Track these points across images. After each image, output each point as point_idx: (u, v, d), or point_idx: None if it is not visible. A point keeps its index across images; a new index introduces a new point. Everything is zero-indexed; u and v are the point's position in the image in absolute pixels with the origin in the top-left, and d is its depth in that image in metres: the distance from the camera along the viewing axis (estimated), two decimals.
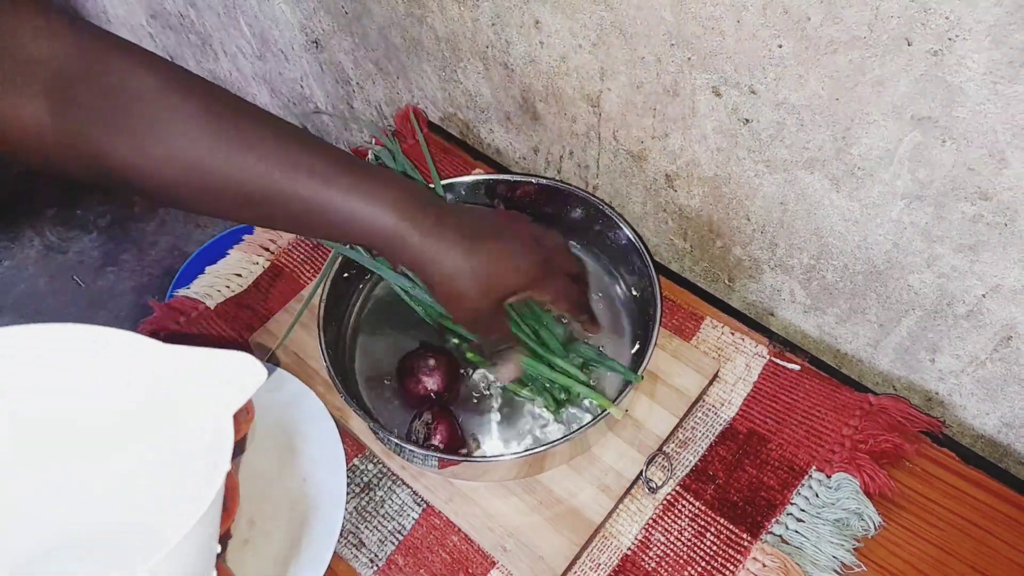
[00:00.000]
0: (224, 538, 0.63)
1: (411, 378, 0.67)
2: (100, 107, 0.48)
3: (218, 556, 0.62)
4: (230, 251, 0.86)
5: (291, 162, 0.51)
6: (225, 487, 0.61)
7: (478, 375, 0.72)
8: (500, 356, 0.66)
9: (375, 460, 0.69)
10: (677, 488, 0.66)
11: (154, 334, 0.79)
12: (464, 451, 0.66)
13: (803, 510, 0.64)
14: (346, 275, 0.74)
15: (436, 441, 0.64)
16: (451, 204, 0.59)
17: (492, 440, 0.69)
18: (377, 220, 0.52)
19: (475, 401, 0.71)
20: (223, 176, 0.50)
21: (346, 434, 0.69)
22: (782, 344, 0.74)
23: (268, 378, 0.71)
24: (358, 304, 0.77)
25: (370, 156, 0.90)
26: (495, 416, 0.70)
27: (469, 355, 0.70)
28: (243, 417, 0.65)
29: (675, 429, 0.68)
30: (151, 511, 0.54)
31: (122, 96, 0.48)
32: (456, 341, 0.72)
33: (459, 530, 0.65)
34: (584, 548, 0.63)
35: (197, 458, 0.50)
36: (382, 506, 0.67)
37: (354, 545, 0.65)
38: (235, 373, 0.49)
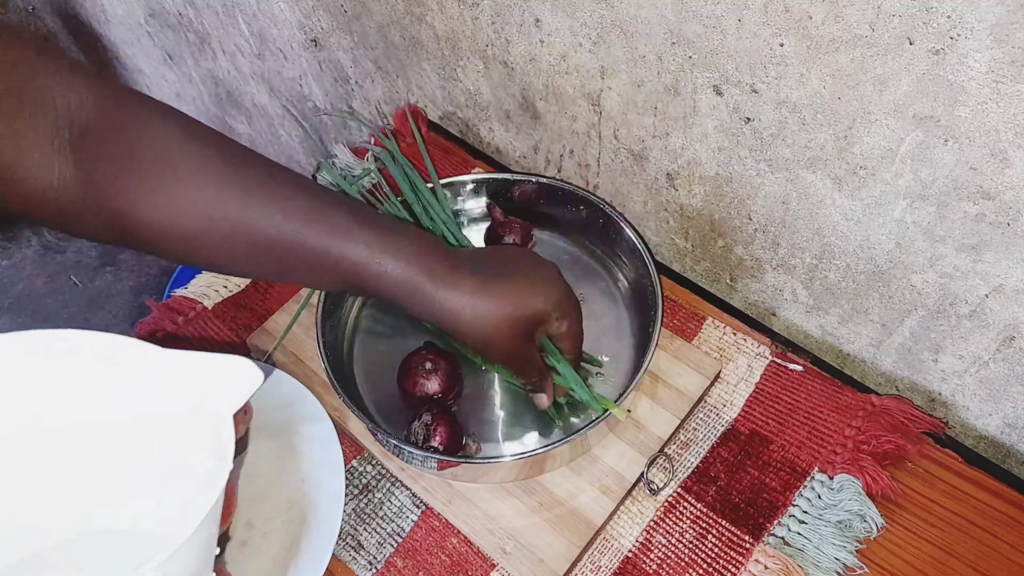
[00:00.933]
0: (223, 539, 0.62)
1: (411, 380, 0.67)
2: (123, 160, 0.48)
3: (217, 558, 0.62)
4: None
5: (307, 212, 0.51)
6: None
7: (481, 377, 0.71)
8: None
9: (374, 462, 0.69)
10: (678, 490, 0.66)
11: (152, 334, 0.78)
12: (464, 452, 0.66)
13: (805, 512, 0.64)
14: None
15: (435, 442, 0.64)
16: (464, 250, 0.59)
17: (492, 441, 0.68)
18: (391, 274, 0.52)
19: (475, 401, 0.70)
20: (240, 225, 0.50)
21: (344, 435, 0.69)
22: (784, 344, 0.74)
23: (265, 379, 0.71)
24: (357, 304, 0.77)
25: (369, 156, 0.89)
26: (495, 417, 0.69)
27: (548, 412, 0.67)
28: (241, 418, 0.65)
29: (676, 430, 0.68)
30: (151, 515, 0.54)
31: (145, 149, 0.49)
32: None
33: (459, 532, 0.64)
34: (585, 550, 0.63)
35: (196, 461, 0.50)
36: (381, 508, 0.66)
37: (353, 547, 0.65)
38: (232, 376, 0.49)
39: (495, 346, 0.56)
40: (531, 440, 0.68)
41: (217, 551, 0.51)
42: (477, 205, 0.81)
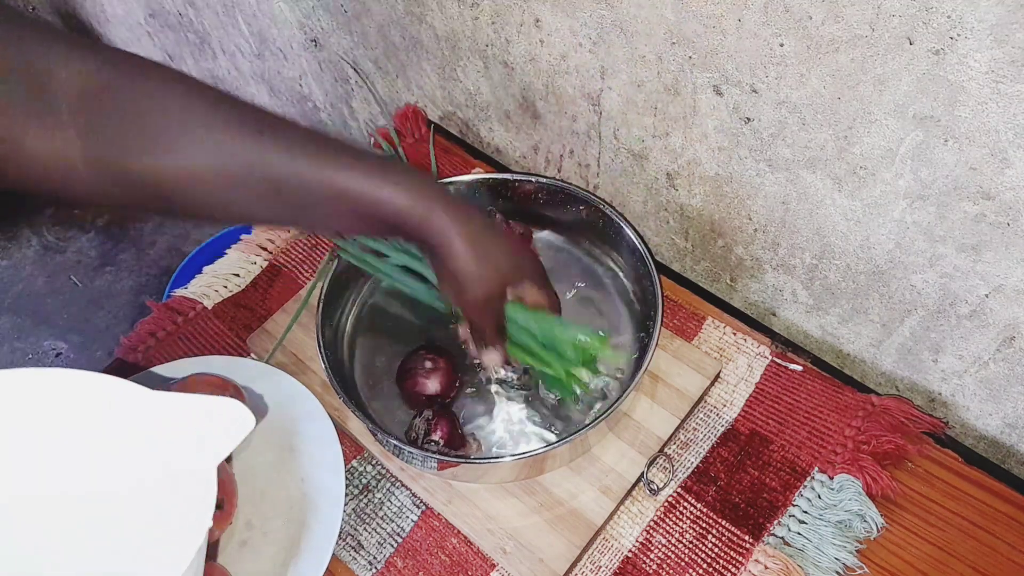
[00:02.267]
0: (212, 546, 0.62)
1: (410, 380, 0.67)
2: (126, 118, 0.49)
3: (216, 559, 0.62)
4: (228, 251, 0.85)
5: (314, 150, 0.53)
6: (223, 487, 0.61)
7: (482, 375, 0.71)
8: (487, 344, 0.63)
9: (374, 462, 0.69)
10: (678, 490, 0.66)
11: (152, 334, 0.78)
12: (464, 452, 0.66)
13: (805, 512, 0.64)
14: (345, 275, 0.74)
15: (436, 436, 0.64)
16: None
17: (492, 441, 0.68)
18: (399, 198, 0.53)
19: (476, 401, 0.70)
20: (253, 166, 0.51)
21: (344, 436, 0.69)
22: (784, 344, 0.74)
23: (264, 376, 0.71)
24: (357, 304, 0.77)
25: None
26: (496, 416, 0.69)
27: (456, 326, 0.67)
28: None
29: (676, 430, 0.68)
30: (134, 560, 0.53)
31: (147, 107, 0.49)
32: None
33: (459, 532, 0.64)
34: (585, 550, 0.63)
35: (181, 506, 0.49)
36: (381, 508, 0.66)
37: (353, 547, 0.65)
38: (224, 421, 0.49)
39: (479, 284, 0.56)
40: (531, 440, 0.68)
41: None
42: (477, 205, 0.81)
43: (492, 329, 0.61)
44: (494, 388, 0.71)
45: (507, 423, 0.69)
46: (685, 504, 0.65)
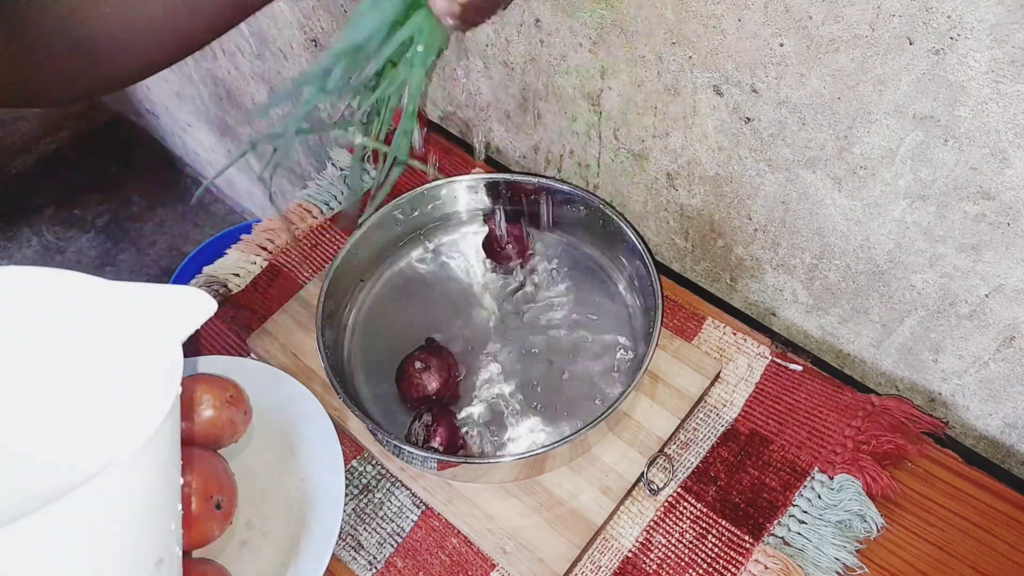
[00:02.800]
0: (224, 528, 0.61)
1: (408, 380, 0.67)
2: None
3: (216, 559, 0.62)
4: (228, 251, 0.85)
5: None
6: (223, 487, 0.61)
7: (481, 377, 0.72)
8: None
9: (374, 462, 0.69)
10: (678, 490, 0.66)
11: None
12: (464, 452, 0.66)
13: (805, 512, 0.64)
14: (345, 275, 0.74)
15: (436, 443, 0.64)
16: None
17: (492, 441, 0.68)
18: None
19: (476, 402, 0.70)
20: None
21: (344, 436, 0.69)
22: (784, 344, 0.74)
23: (264, 376, 0.71)
24: (357, 304, 0.77)
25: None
26: (496, 416, 0.69)
27: None
28: (240, 418, 0.65)
29: (676, 430, 0.68)
30: (105, 433, 0.51)
31: None
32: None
33: (459, 532, 0.64)
34: (585, 550, 0.63)
35: (148, 380, 0.48)
36: (381, 508, 0.66)
37: (352, 547, 0.65)
38: (184, 305, 0.48)
39: None
40: (531, 440, 0.68)
41: (180, 513, 0.49)
42: (477, 205, 0.81)
43: None
44: (495, 388, 0.71)
45: (508, 422, 0.69)
46: (685, 504, 0.65)
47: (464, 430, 0.68)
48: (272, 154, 0.57)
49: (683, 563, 0.62)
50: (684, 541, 0.63)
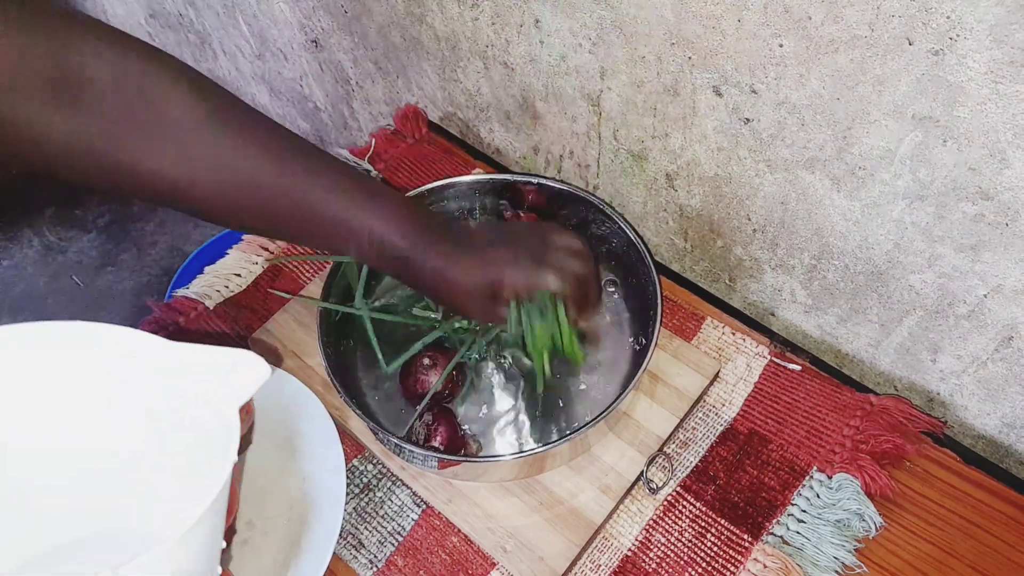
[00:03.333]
0: (229, 533, 0.62)
1: (411, 377, 0.67)
2: (123, 112, 0.49)
3: (223, 552, 0.62)
4: (229, 251, 0.86)
5: (328, 181, 0.55)
6: None
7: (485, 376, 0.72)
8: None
9: (374, 461, 0.69)
10: (678, 489, 0.66)
11: (153, 335, 0.78)
12: (464, 451, 0.66)
13: (804, 511, 0.64)
14: (346, 274, 0.74)
15: (436, 442, 0.64)
16: (442, 218, 0.61)
17: (493, 440, 0.68)
18: (388, 246, 0.56)
19: (476, 401, 0.70)
20: (250, 185, 0.53)
21: (345, 435, 0.69)
22: (783, 344, 0.74)
23: (269, 376, 0.71)
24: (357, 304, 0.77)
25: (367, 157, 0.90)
26: (496, 416, 0.70)
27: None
28: (243, 416, 0.65)
29: (676, 429, 0.68)
30: (157, 513, 0.54)
31: (146, 101, 0.49)
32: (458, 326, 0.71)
33: (459, 531, 0.65)
34: (584, 549, 0.63)
35: (201, 456, 0.50)
36: (381, 507, 0.67)
37: (353, 546, 0.65)
38: (239, 370, 0.49)
39: (461, 307, 0.60)
40: (531, 439, 0.68)
41: (223, 545, 0.51)
42: (477, 206, 0.81)
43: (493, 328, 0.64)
44: (496, 388, 0.71)
45: (508, 422, 0.69)
46: (684, 503, 0.65)
47: (465, 427, 0.68)
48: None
49: (682, 562, 0.62)
50: (683, 540, 0.64)
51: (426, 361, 0.67)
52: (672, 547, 0.63)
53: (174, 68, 0.51)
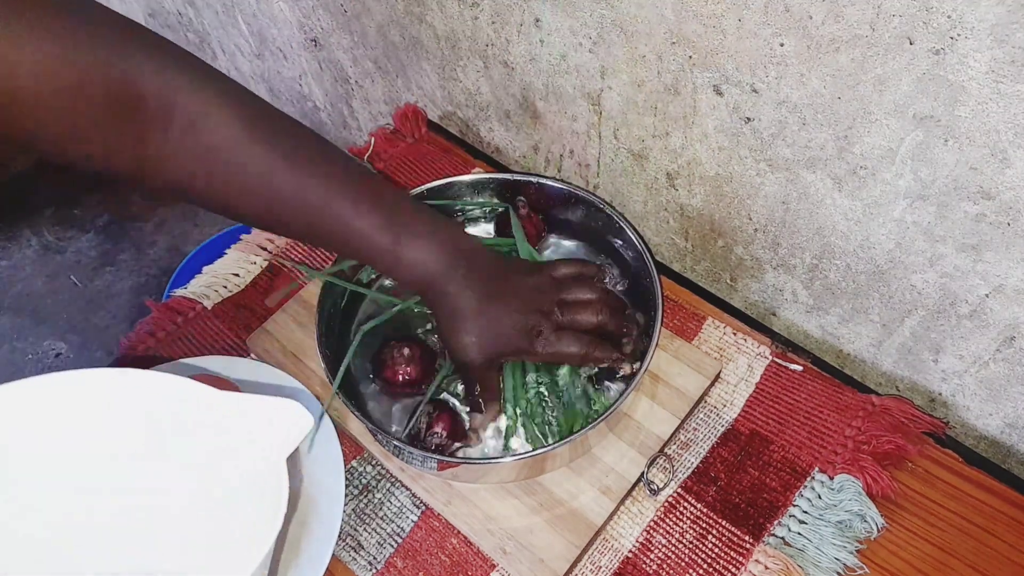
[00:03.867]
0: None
1: (388, 368, 0.67)
2: (156, 120, 0.51)
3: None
4: (228, 251, 0.85)
5: (352, 195, 0.57)
6: None
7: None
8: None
9: (373, 462, 0.69)
10: (679, 490, 0.66)
11: (152, 334, 0.78)
12: (466, 444, 0.66)
13: (805, 512, 0.64)
14: (344, 274, 0.74)
15: (438, 428, 0.64)
16: (479, 248, 0.62)
17: (492, 441, 0.68)
18: (418, 268, 0.58)
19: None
20: (281, 196, 0.56)
21: (344, 436, 0.69)
22: (784, 344, 0.74)
23: (264, 376, 0.71)
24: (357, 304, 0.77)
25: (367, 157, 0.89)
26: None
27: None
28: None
29: (676, 430, 0.68)
30: (205, 563, 0.55)
31: (181, 108, 0.52)
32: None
33: (458, 532, 0.64)
34: (585, 551, 0.63)
35: (246, 504, 0.50)
36: (381, 508, 0.66)
37: (352, 548, 0.65)
38: (282, 420, 0.50)
39: (466, 350, 0.61)
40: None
41: None
42: (477, 205, 0.81)
43: (478, 394, 0.65)
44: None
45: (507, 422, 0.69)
46: (685, 504, 0.65)
47: (468, 432, 0.68)
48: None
49: (683, 563, 0.62)
50: (684, 541, 0.63)
51: (406, 351, 0.67)
52: (673, 548, 0.63)
53: (220, 88, 0.54)
